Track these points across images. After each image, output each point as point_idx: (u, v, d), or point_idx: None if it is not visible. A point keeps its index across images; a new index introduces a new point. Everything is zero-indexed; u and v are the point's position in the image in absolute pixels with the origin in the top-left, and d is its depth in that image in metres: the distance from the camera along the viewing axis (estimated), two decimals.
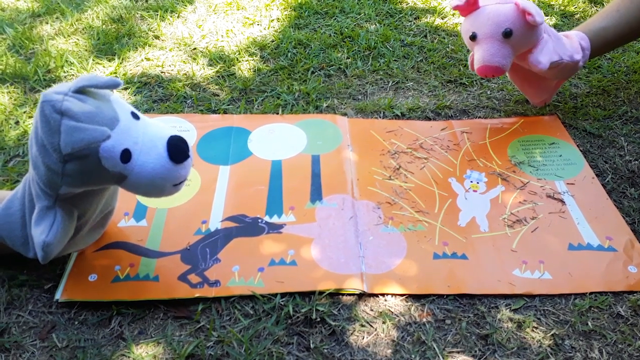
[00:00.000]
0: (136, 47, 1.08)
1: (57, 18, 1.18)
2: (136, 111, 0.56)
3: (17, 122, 0.88)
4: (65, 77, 0.99)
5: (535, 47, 0.79)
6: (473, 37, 0.79)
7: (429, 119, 0.92)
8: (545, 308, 0.63)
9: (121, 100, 0.56)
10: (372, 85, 1.00)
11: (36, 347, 0.58)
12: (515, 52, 0.79)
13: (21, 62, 1.02)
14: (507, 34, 0.76)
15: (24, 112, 0.90)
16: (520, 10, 0.75)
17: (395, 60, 1.07)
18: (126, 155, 0.53)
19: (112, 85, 0.53)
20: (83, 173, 0.53)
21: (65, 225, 0.55)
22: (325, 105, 0.94)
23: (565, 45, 0.82)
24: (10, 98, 0.93)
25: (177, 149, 0.55)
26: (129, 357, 0.57)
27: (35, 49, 1.07)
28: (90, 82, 0.52)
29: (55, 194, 0.55)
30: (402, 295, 0.63)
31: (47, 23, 1.16)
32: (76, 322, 0.60)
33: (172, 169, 0.55)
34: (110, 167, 0.53)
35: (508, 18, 0.76)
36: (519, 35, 0.76)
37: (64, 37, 1.11)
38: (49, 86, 0.96)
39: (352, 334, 0.59)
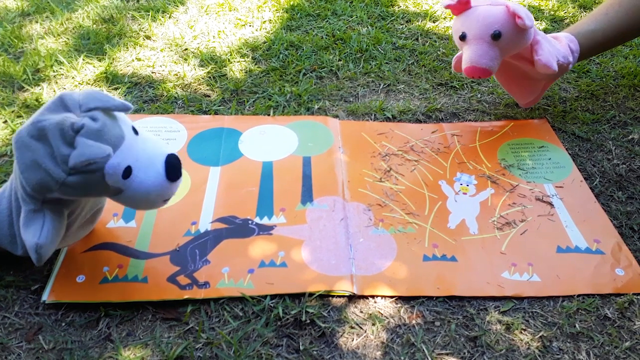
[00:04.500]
0: (127, 47, 1.08)
1: (47, 17, 1.17)
2: (135, 126, 0.58)
3: (5, 122, 0.87)
4: (54, 76, 0.98)
5: (539, 49, 0.79)
6: (462, 37, 0.79)
7: (420, 122, 0.92)
8: (534, 310, 0.63)
9: (124, 117, 0.58)
10: (364, 88, 1.00)
11: (22, 349, 0.57)
12: (504, 54, 0.79)
13: (10, 61, 1.01)
14: (496, 36, 0.77)
15: (12, 112, 0.89)
16: (510, 13, 0.76)
17: (386, 62, 1.07)
18: (127, 172, 0.55)
19: (123, 109, 0.56)
20: (84, 186, 0.54)
21: (55, 225, 0.55)
22: (316, 107, 0.94)
23: (556, 46, 0.83)
24: None
25: (174, 168, 0.57)
26: (116, 359, 0.56)
27: (24, 48, 1.06)
28: (103, 104, 0.54)
29: (41, 198, 0.55)
30: (391, 297, 0.63)
31: (36, 22, 1.15)
32: (63, 324, 0.60)
33: (167, 186, 0.57)
34: (111, 183, 0.55)
35: (498, 20, 0.76)
36: (508, 37, 0.77)
37: (54, 37, 1.10)
38: (38, 85, 0.96)
39: (341, 335, 0.59)
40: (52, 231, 0.55)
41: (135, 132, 0.57)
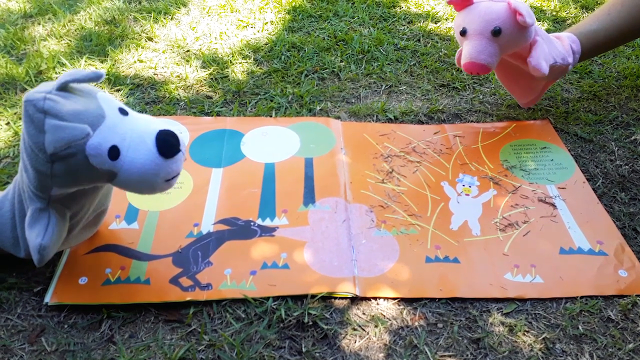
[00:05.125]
0: (129, 49, 1.08)
1: (49, 19, 1.17)
2: (124, 107, 0.55)
3: (7, 124, 0.87)
4: (56, 78, 0.98)
5: (533, 51, 0.79)
6: (463, 33, 0.79)
7: (422, 123, 0.92)
8: (537, 312, 0.63)
9: (108, 97, 0.55)
10: (366, 89, 1.00)
11: (25, 351, 0.57)
12: (503, 52, 0.79)
13: (12, 63, 1.01)
14: (496, 32, 0.76)
15: (15, 114, 0.89)
16: (511, 10, 0.76)
17: (388, 64, 1.07)
18: (114, 152, 0.52)
19: (95, 78, 0.52)
20: (72, 172, 0.52)
21: (59, 227, 0.55)
22: (318, 108, 0.94)
23: (557, 47, 0.83)
24: (1, 99, 0.92)
25: (167, 144, 0.54)
26: None
27: (26, 50, 1.06)
28: (72, 76, 0.51)
29: (47, 196, 0.54)
30: (394, 298, 0.63)
31: (39, 24, 1.16)
32: (66, 326, 0.60)
33: (162, 164, 0.54)
34: (98, 165, 0.52)
35: (499, 16, 0.76)
36: (508, 34, 0.77)
37: (56, 38, 1.10)
38: None
39: (344, 337, 0.59)
40: (56, 232, 0.55)
41: (124, 112, 0.54)
